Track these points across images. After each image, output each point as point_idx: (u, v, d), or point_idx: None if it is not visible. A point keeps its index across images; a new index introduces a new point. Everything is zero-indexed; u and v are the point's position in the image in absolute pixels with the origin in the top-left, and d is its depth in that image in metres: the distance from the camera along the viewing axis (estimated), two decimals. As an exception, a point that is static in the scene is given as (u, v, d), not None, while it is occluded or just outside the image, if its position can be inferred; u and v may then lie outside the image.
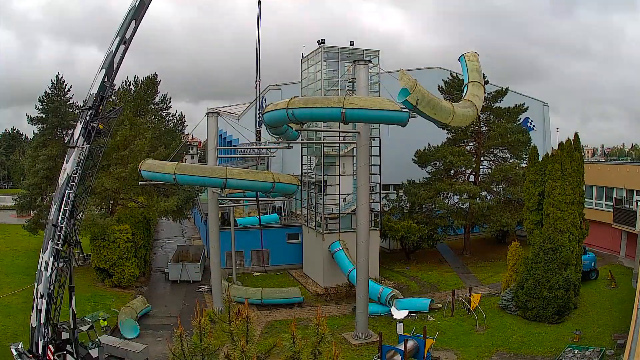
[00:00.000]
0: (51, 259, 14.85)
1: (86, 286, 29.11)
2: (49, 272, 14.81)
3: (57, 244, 14.84)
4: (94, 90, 16.04)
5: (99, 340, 18.46)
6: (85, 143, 15.83)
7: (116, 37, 16.61)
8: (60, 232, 14.98)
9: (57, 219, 15.07)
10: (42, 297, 14.75)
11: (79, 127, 15.92)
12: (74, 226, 15.82)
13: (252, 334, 6.71)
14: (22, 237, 37.68)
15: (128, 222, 29.85)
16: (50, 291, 14.91)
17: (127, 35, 16.76)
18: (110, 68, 16.38)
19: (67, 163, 15.72)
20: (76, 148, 15.63)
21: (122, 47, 16.55)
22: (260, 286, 28.76)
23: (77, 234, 16.28)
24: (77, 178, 15.54)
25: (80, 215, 16.75)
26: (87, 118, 15.87)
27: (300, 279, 31.50)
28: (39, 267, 15.08)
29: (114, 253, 27.93)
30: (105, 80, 16.22)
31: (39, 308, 14.75)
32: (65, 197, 15.21)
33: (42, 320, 14.68)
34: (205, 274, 31.78)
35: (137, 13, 16.91)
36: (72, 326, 16.29)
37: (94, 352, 17.47)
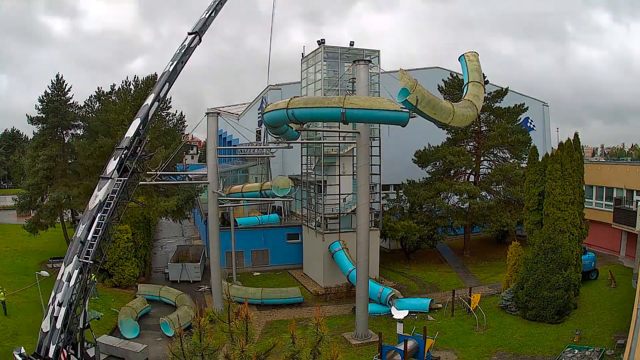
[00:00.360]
0: (76, 271, 15.87)
1: (86, 286, 29.11)
2: (71, 283, 15.72)
3: (87, 258, 16.02)
4: (130, 134, 18.11)
5: (95, 339, 18.46)
6: (118, 176, 17.58)
7: (152, 92, 19.33)
8: (89, 247, 16.20)
9: (86, 237, 16.32)
10: (60, 305, 15.53)
11: (113, 162, 17.73)
12: (101, 249, 17.10)
13: (251, 333, 6.72)
14: (22, 237, 37.67)
15: (128, 222, 29.85)
16: (71, 300, 15.72)
17: (161, 95, 19.41)
18: (145, 119, 18.65)
19: (98, 191, 17.29)
20: (110, 180, 17.36)
21: (156, 103, 19.16)
22: (260, 286, 28.76)
23: (104, 257, 18.11)
24: (112, 205, 17.05)
25: (109, 240, 18.66)
26: (122, 156, 17.77)
27: (300, 279, 31.51)
28: (59, 277, 16.00)
29: (114, 253, 27.95)
30: (140, 128, 18.39)
31: (54, 315, 15.47)
32: (97, 219, 16.66)
33: (58, 326, 15.39)
34: (205, 274, 31.79)
35: (170, 77, 19.61)
36: (82, 326, 16.74)
37: (91, 352, 17.52)
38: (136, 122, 18.37)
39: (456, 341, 21.38)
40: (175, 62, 19.79)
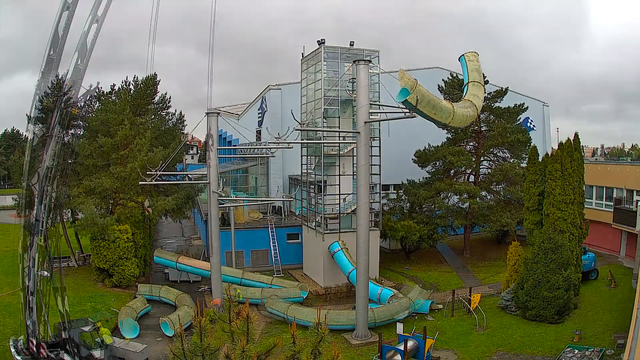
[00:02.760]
0: (37, 254, 14.73)
1: (86, 286, 29.12)
2: (35, 269, 14.69)
3: (42, 240, 14.73)
4: (68, 76, 15.52)
5: (101, 340, 18.39)
6: (61, 131, 15.37)
7: (89, 16, 15.97)
8: (41, 227, 14.76)
9: (40, 214, 14.80)
10: (32, 294, 14.73)
11: (54, 115, 15.48)
12: (54, 218, 15.45)
13: (252, 333, 6.72)
14: (22, 237, 37.61)
15: (128, 222, 29.84)
16: (38, 287, 14.81)
17: (99, 13, 15.89)
18: (83, 49, 15.65)
19: (45, 154, 15.32)
20: (53, 137, 15.17)
21: (94, 25, 15.78)
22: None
23: (51, 223, 15.81)
24: (53, 169, 15.11)
25: (59, 208, 15.95)
26: (62, 105, 15.33)
27: (300, 279, 31.47)
28: (27, 264, 14.91)
29: (114, 253, 27.94)
30: (79, 62, 15.54)
31: (30, 306, 14.82)
32: (45, 192, 14.84)
33: (34, 318, 14.79)
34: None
35: None
36: (65, 326, 16.29)
37: (97, 353, 17.43)
38: (73, 59, 15.64)
39: (456, 341, 21.37)
40: None
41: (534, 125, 46.54)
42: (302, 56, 32.03)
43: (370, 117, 22.65)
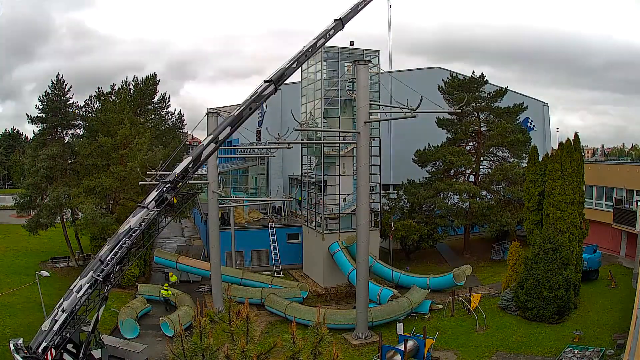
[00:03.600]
0: (86, 285, 16.14)
1: (86, 286, 29.09)
2: (79, 294, 15.98)
3: (99, 275, 16.18)
4: (178, 171, 17.73)
5: (102, 341, 18.48)
6: (155, 208, 17.35)
7: (210, 134, 18.76)
8: (104, 267, 16.39)
9: (106, 257, 16.49)
10: (63, 311, 15.84)
11: (153, 193, 17.58)
12: (119, 272, 17.28)
13: (252, 334, 6.72)
14: (22, 237, 37.64)
15: (128, 221, 29.81)
16: (74, 310, 15.98)
17: (220, 137, 18.53)
18: (198, 159, 18.11)
19: (132, 217, 17.24)
20: (145, 209, 17.23)
21: (212, 145, 18.42)
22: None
23: (115, 277, 17.50)
24: (137, 231, 17.02)
25: (127, 265, 18.05)
26: (164, 189, 17.51)
27: (300, 279, 31.48)
28: (71, 287, 16.33)
29: (114, 253, 27.89)
30: (190, 166, 17.90)
31: (56, 318, 15.83)
32: (121, 243, 16.72)
33: (54, 328, 15.71)
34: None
35: (233, 121, 18.74)
36: (90, 330, 17.03)
37: (97, 353, 17.55)
38: (187, 160, 18.09)
39: (456, 341, 21.38)
40: (242, 107, 18.89)
41: (534, 125, 46.51)
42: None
43: (370, 117, 22.67)
